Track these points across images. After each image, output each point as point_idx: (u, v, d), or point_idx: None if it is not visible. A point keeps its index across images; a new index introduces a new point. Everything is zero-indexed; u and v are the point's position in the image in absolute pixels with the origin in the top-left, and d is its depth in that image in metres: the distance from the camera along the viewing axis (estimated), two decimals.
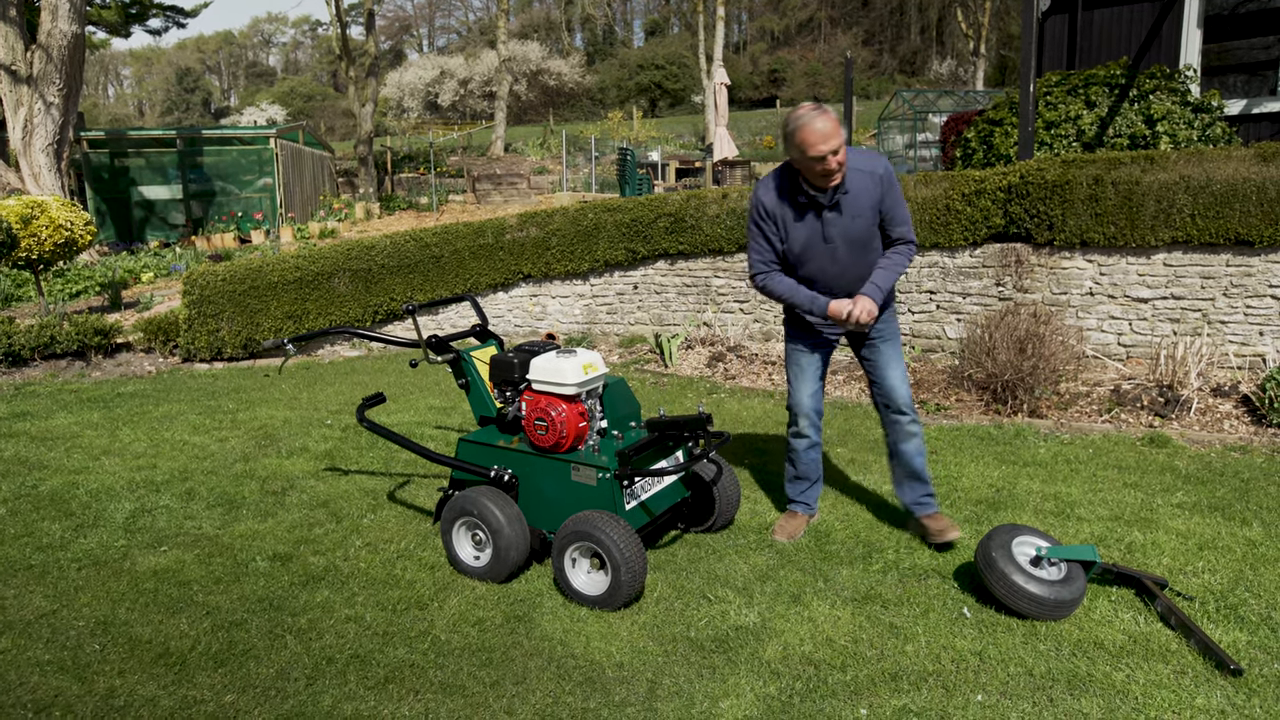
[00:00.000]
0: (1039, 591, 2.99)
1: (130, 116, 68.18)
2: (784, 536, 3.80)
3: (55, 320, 8.19)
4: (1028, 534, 3.21)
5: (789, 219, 3.49)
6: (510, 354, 3.65)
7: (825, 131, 3.22)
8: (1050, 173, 6.58)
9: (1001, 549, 3.10)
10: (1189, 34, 8.73)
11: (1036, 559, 3.13)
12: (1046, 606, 2.99)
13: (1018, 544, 3.16)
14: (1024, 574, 3.03)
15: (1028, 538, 3.19)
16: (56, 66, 13.28)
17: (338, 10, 22.83)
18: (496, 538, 3.36)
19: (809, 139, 3.23)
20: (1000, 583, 3.04)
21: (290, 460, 5.19)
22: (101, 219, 17.08)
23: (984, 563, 3.11)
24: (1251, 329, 6.13)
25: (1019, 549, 3.15)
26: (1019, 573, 3.03)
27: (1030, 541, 3.19)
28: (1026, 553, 3.16)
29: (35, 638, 3.12)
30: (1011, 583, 3.02)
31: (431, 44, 74.97)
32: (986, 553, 3.11)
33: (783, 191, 3.49)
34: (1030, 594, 3.00)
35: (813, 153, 3.24)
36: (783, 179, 3.49)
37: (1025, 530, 3.22)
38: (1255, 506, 4.02)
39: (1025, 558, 3.14)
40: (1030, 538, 3.19)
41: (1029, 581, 3.01)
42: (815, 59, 57.90)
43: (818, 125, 3.22)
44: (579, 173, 24.39)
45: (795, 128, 3.26)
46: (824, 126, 3.22)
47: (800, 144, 3.26)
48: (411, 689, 2.76)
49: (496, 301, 9.12)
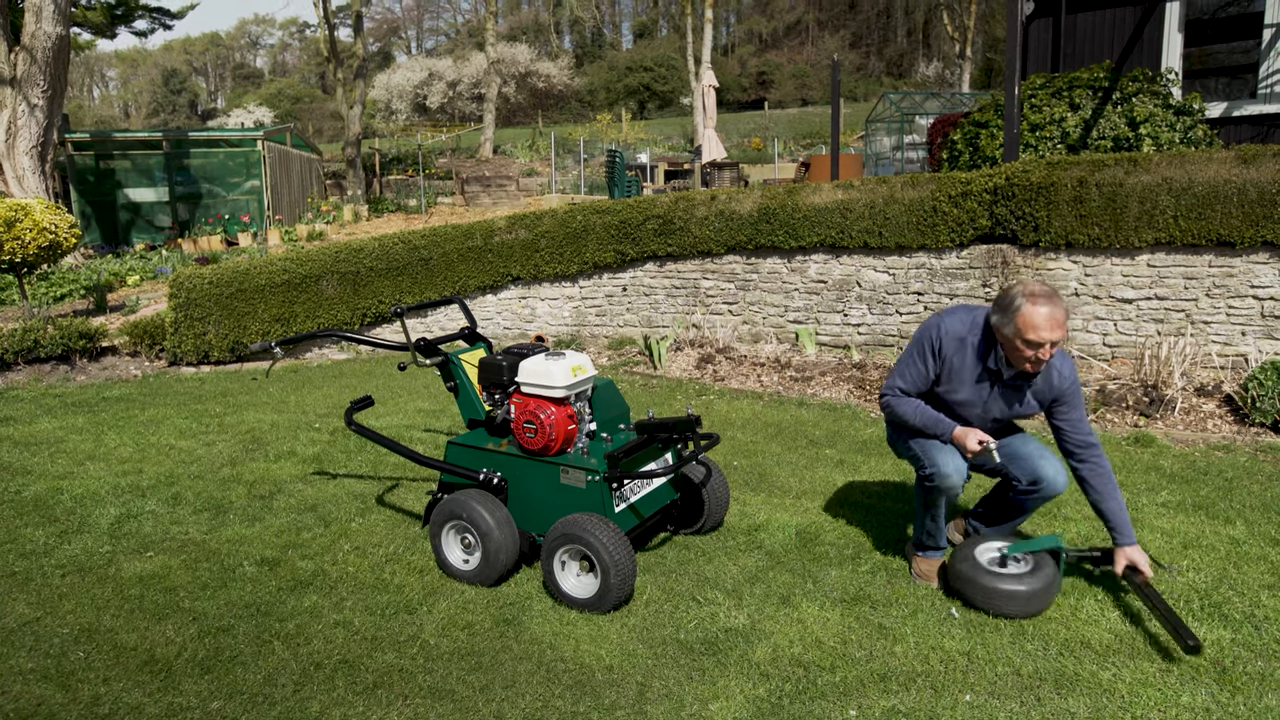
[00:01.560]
0: (1011, 587, 3.05)
1: (116, 118, 67.74)
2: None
3: (39, 324, 8.12)
4: (989, 539, 3.31)
5: (962, 370, 3.21)
6: (499, 356, 3.65)
7: (1058, 321, 2.92)
8: (1035, 175, 6.62)
9: (966, 561, 3.19)
10: (1170, 37, 8.81)
11: (1002, 559, 3.20)
12: (1021, 599, 3.04)
13: (981, 551, 3.24)
14: (992, 575, 3.11)
15: (989, 543, 3.28)
16: (41, 68, 13.18)
17: (325, 12, 22.76)
18: (486, 541, 3.36)
19: (1036, 320, 2.91)
20: (976, 591, 3.12)
21: (278, 464, 5.17)
22: (86, 222, 16.95)
23: (957, 580, 3.19)
24: (1234, 329, 6.18)
25: (983, 555, 3.22)
26: (987, 575, 3.11)
27: (993, 545, 3.27)
28: (992, 556, 3.24)
29: (18, 645, 3.09)
30: (984, 587, 3.09)
31: (420, 46, 74.82)
32: (956, 571, 3.20)
33: (969, 341, 3.18)
34: (1004, 592, 3.06)
35: (1031, 335, 2.93)
36: (974, 329, 3.19)
37: (985, 537, 3.33)
38: (1238, 505, 4.06)
39: (991, 561, 3.22)
40: (992, 541, 3.29)
41: (999, 580, 3.08)
42: (803, 61, 58.10)
43: (1051, 312, 2.91)
44: (568, 175, 24.39)
45: (1023, 305, 2.94)
46: (1059, 316, 2.92)
47: (1022, 324, 2.94)
48: (400, 694, 2.75)
49: (485, 304, 9.11)
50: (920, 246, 7.17)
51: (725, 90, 46.04)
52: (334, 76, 23.51)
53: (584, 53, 63.01)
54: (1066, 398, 3.16)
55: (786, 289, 7.89)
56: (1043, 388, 3.17)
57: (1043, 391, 3.18)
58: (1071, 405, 3.17)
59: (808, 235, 7.61)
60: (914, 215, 7.11)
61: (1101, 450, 3.16)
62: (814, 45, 60.55)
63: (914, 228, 7.13)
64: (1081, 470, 3.18)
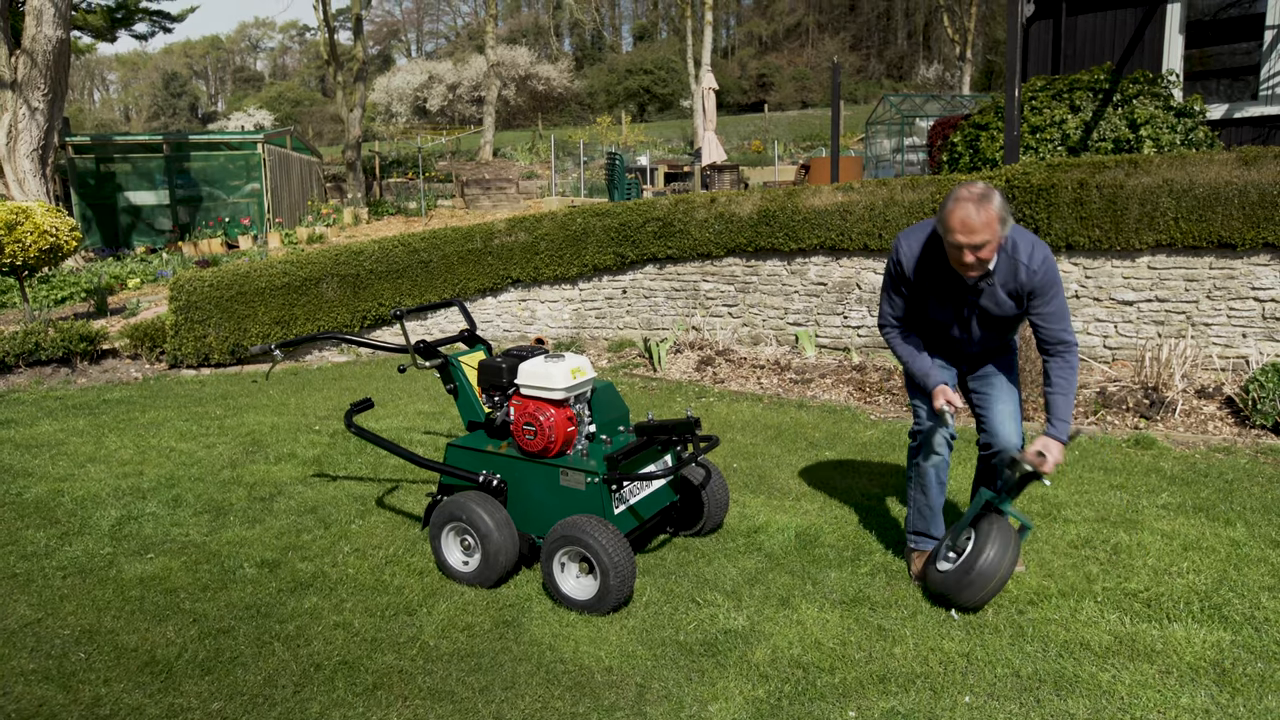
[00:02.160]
0: (962, 568, 3.07)
1: (116, 122, 67.79)
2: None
3: (40, 327, 8.13)
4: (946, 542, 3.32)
5: (929, 284, 3.20)
6: (499, 359, 3.65)
7: (970, 224, 2.87)
8: (1036, 176, 6.63)
9: (930, 565, 3.29)
10: (1171, 39, 8.82)
11: (947, 550, 3.24)
12: (982, 575, 3.04)
13: (939, 555, 3.29)
14: (942, 567, 3.20)
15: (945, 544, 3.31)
16: (41, 72, 13.20)
17: (325, 15, 22.79)
18: (485, 543, 3.36)
19: (951, 223, 2.90)
20: (947, 589, 3.14)
21: (278, 466, 5.17)
22: (87, 225, 16.97)
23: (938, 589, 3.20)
24: (1235, 331, 6.18)
25: (942, 560, 3.26)
26: (940, 573, 3.19)
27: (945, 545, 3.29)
28: (944, 554, 3.27)
29: (20, 646, 3.10)
30: (944, 581, 3.14)
31: (420, 49, 74.90)
32: (931, 582, 3.24)
33: (927, 253, 3.16)
34: (957, 578, 3.08)
35: (950, 239, 2.93)
36: (929, 240, 3.16)
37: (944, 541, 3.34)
38: (1239, 507, 4.06)
39: (943, 560, 3.25)
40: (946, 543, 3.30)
41: (949, 568, 3.16)
42: (803, 64, 58.14)
43: (964, 214, 2.87)
44: (568, 177, 24.41)
45: (947, 206, 2.93)
46: (971, 218, 2.86)
47: (943, 222, 2.95)
48: (400, 695, 2.75)
49: (485, 306, 9.11)
50: None
51: (725, 93, 46.08)
52: (334, 79, 23.54)
53: (584, 55, 63.07)
54: (1039, 291, 3.05)
55: (786, 291, 7.89)
56: (1012, 284, 3.08)
57: (1013, 288, 3.08)
58: (1045, 299, 3.05)
59: (808, 238, 7.61)
60: (914, 217, 7.11)
61: (1075, 351, 3.09)
62: (814, 48, 60.58)
63: None
64: (1049, 365, 3.11)
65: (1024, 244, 3.05)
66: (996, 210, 2.89)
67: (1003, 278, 3.08)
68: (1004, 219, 2.93)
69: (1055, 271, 3.07)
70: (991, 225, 2.88)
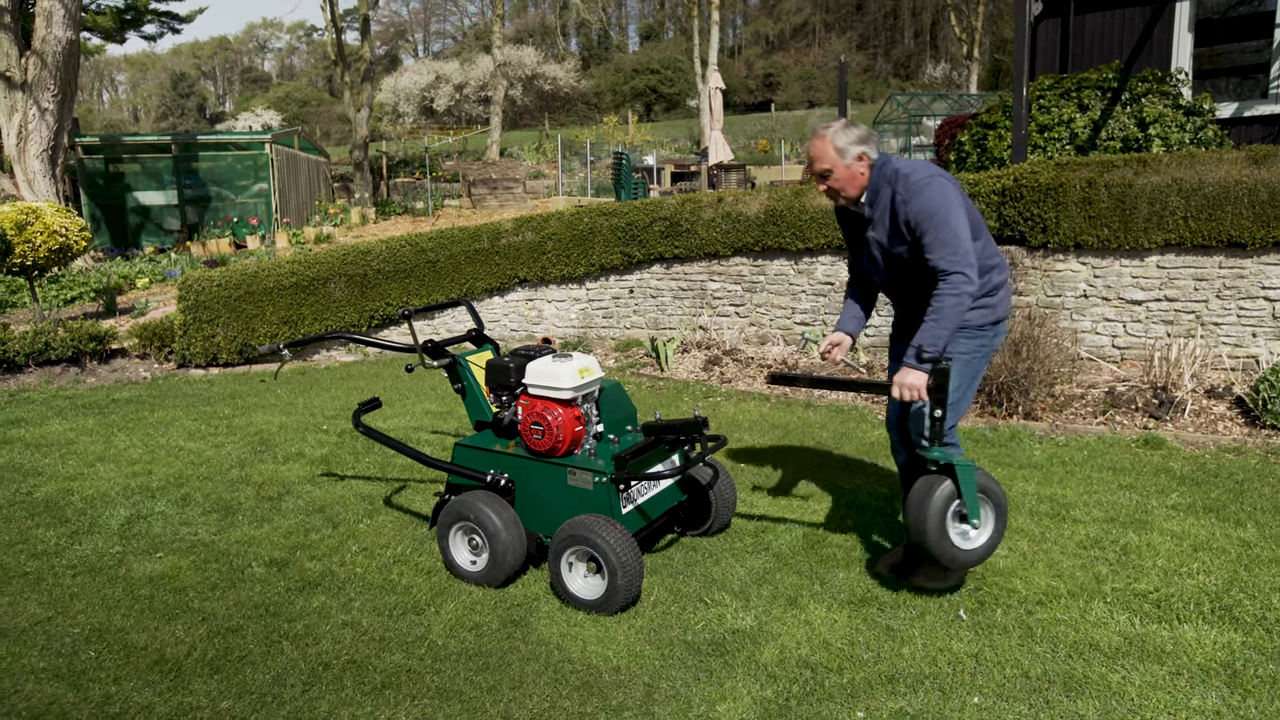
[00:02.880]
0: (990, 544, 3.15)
1: (125, 122, 68.06)
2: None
3: (50, 326, 8.17)
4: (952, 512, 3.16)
5: (847, 227, 3.42)
6: (506, 358, 3.65)
7: (810, 153, 3.21)
8: (1044, 176, 6.61)
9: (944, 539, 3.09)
10: (1180, 37, 8.78)
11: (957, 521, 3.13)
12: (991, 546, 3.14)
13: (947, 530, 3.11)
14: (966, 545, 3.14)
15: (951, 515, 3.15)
16: (51, 73, 13.27)
17: (333, 16, 22.85)
18: (493, 542, 3.36)
19: (807, 151, 3.19)
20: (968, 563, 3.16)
21: (286, 466, 5.18)
22: (96, 225, 17.04)
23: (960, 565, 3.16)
24: (1244, 330, 6.15)
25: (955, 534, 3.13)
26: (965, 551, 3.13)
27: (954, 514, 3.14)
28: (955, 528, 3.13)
29: (30, 645, 3.11)
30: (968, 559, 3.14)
31: (427, 49, 75.04)
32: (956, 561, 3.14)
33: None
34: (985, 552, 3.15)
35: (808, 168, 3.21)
36: None
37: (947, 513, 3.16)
38: (1249, 508, 4.04)
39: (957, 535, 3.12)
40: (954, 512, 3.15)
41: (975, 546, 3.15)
42: (810, 63, 58.06)
43: (808, 146, 3.22)
44: (574, 177, 24.42)
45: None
46: (812, 148, 3.20)
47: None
48: (408, 694, 2.75)
49: (492, 306, 9.12)
50: None
51: (732, 92, 46.04)
52: (341, 80, 23.60)
53: (590, 55, 63.08)
54: (914, 221, 3.07)
55: (793, 291, 7.88)
56: (894, 216, 3.13)
57: (899, 219, 3.12)
58: (924, 230, 3.05)
59: (815, 237, 7.60)
60: None
61: (954, 283, 2.99)
62: (821, 47, 60.49)
63: None
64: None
65: (905, 176, 3.11)
66: (833, 140, 3.11)
67: (880, 210, 3.18)
68: (843, 149, 3.12)
69: (936, 202, 3.03)
70: (827, 154, 3.12)
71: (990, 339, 3.30)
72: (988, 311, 3.25)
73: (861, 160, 3.16)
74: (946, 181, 3.11)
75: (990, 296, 3.26)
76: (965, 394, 3.30)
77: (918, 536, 3.05)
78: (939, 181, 3.09)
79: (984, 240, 3.26)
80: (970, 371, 3.28)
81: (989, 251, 3.27)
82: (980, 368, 3.33)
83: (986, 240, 3.28)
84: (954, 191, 3.10)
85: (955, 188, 3.13)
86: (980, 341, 3.27)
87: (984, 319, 3.25)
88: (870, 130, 3.26)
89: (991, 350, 3.34)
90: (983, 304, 3.24)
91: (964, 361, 3.24)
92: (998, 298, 3.28)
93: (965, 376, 3.26)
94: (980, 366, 3.32)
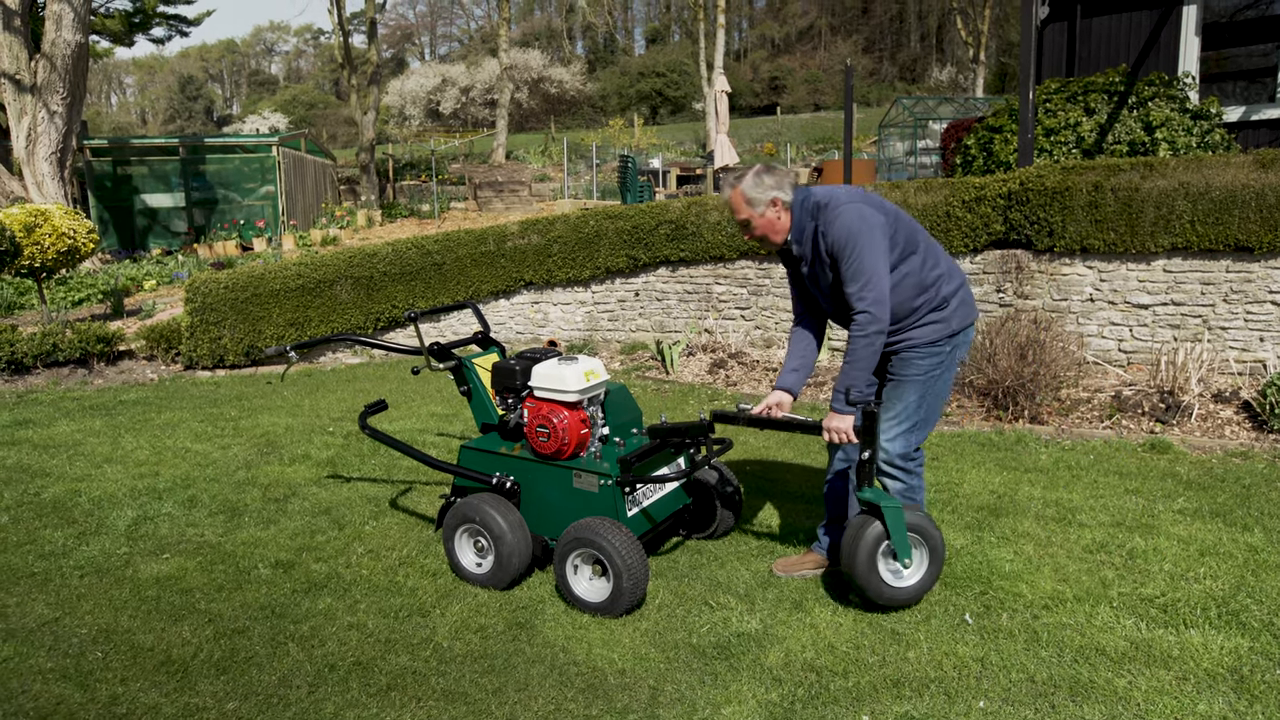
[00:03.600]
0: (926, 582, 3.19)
1: (133, 125, 68.34)
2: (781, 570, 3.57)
3: (58, 328, 8.21)
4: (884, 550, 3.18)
5: (786, 263, 3.43)
6: (512, 361, 3.66)
7: (726, 202, 3.27)
8: (1050, 179, 6.60)
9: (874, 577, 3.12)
10: (1187, 41, 8.76)
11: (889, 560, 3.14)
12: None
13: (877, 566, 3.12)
14: (898, 584, 3.16)
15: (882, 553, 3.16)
16: (60, 75, 13.34)
17: (340, 19, 22.93)
18: (499, 544, 3.37)
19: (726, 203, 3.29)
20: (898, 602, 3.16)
21: (292, 467, 5.20)
22: (104, 227, 17.12)
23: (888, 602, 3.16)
24: (1252, 335, 6.13)
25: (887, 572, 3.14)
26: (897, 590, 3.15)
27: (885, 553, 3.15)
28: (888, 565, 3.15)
29: (38, 645, 3.13)
30: (898, 597, 3.15)
31: (433, 52, 75.22)
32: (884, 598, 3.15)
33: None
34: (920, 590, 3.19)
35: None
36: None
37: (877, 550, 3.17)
38: (1256, 512, 4.03)
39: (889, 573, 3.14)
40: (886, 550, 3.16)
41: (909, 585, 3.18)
42: (816, 66, 58.03)
43: (722, 199, 3.33)
44: (580, 180, 24.45)
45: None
46: (723, 196, 3.29)
47: None
48: (414, 696, 2.76)
49: (498, 309, 9.14)
50: None
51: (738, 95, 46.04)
52: (348, 83, 23.67)
53: (596, 58, 63.15)
54: (832, 252, 3.11)
55: None
56: (817, 248, 3.17)
57: (820, 251, 3.16)
58: (840, 259, 3.07)
59: None
60: (927, 220, 7.09)
61: (860, 323, 3.01)
62: (827, 50, 60.45)
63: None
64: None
65: (824, 207, 3.13)
66: (744, 192, 3.16)
67: (807, 245, 3.20)
68: (754, 199, 3.16)
69: (848, 230, 3.04)
70: (741, 206, 3.18)
71: (949, 352, 3.23)
72: (941, 326, 3.19)
73: (775, 205, 3.17)
74: (864, 206, 3.08)
75: (940, 310, 3.19)
76: (931, 412, 3.26)
77: (847, 573, 3.09)
78: (853, 208, 3.06)
79: (923, 253, 3.19)
80: (933, 389, 3.23)
81: (931, 263, 3.19)
82: (943, 382, 3.26)
83: (928, 251, 3.21)
84: (872, 215, 3.07)
85: (874, 211, 3.09)
86: (938, 359, 3.21)
87: (938, 334, 3.19)
88: (784, 171, 3.28)
89: (956, 360, 3.28)
90: (932, 320, 3.19)
91: (923, 380, 3.21)
92: (950, 309, 3.20)
93: (928, 394, 3.22)
94: (943, 381, 3.26)
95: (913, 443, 3.25)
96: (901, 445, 3.24)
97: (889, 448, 3.25)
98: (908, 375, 3.22)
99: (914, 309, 3.17)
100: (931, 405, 3.25)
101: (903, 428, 3.24)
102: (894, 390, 3.25)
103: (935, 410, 3.28)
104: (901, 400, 3.23)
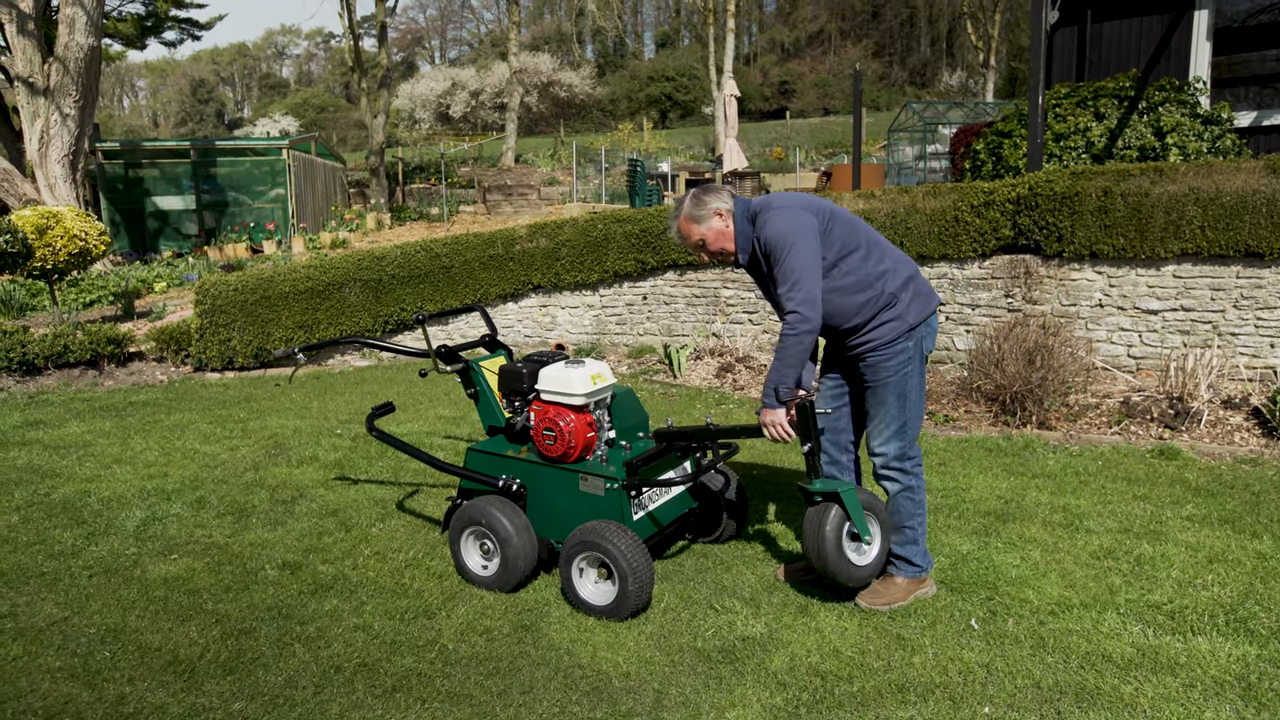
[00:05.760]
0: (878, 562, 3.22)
1: (145, 128, 68.78)
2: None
3: (69, 329, 8.27)
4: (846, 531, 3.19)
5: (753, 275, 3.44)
6: (519, 364, 3.67)
7: (676, 234, 3.34)
8: (1059, 184, 6.58)
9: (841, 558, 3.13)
10: (1199, 46, 8.72)
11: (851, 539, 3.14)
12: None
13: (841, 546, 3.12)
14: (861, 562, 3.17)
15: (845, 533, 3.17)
16: (73, 78, 13.44)
17: (350, 23, 23.04)
18: (504, 547, 3.38)
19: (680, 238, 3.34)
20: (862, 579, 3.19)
21: (300, 469, 5.22)
22: (116, 229, 17.22)
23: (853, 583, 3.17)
24: (1262, 341, 6.10)
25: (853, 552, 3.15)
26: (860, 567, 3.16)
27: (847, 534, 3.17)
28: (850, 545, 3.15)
29: (46, 644, 3.15)
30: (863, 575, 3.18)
31: (443, 56, 75.48)
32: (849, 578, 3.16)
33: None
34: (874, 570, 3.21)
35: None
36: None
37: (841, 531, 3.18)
38: (1265, 519, 4.00)
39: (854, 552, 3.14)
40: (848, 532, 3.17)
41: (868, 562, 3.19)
42: (825, 71, 58.02)
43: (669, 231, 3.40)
44: (589, 184, 24.48)
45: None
46: (676, 232, 3.33)
47: None
48: (419, 698, 2.77)
49: (506, 312, 9.16)
50: (942, 256, 7.13)
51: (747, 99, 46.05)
52: (358, 86, 23.78)
53: (606, 62, 63.26)
54: (765, 254, 3.19)
55: None
56: (757, 252, 3.24)
57: (759, 254, 3.24)
58: (772, 262, 3.15)
59: None
60: (936, 225, 7.08)
61: (790, 322, 3.04)
62: (836, 54, 60.43)
63: (936, 237, 7.10)
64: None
65: (757, 212, 3.22)
66: (687, 214, 3.26)
67: (752, 251, 3.26)
68: (698, 216, 3.24)
69: (778, 232, 3.10)
70: (689, 229, 3.27)
71: (913, 346, 3.21)
72: (898, 324, 3.18)
73: (720, 216, 3.23)
74: (796, 209, 3.11)
75: (891, 309, 3.17)
76: (914, 407, 3.26)
77: (818, 564, 3.07)
78: (784, 212, 3.11)
79: (865, 250, 3.18)
80: (908, 385, 3.22)
81: (875, 259, 3.18)
82: (917, 376, 3.25)
83: (871, 248, 3.20)
84: (803, 217, 3.09)
85: (806, 213, 3.11)
86: (903, 357, 3.19)
87: (897, 331, 3.18)
88: (719, 186, 3.34)
89: (924, 351, 3.27)
90: (886, 319, 3.17)
91: (896, 381, 3.21)
92: (902, 305, 3.18)
93: (906, 391, 3.22)
94: (916, 375, 3.25)
95: (907, 441, 3.26)
96: (896, 447, 3.25)
97: (885, 451, 3.27)
98: (880, 379, 3.23)
99: (861, 307, 3.17)
100: (913, 401, 3.26)
101: (891, 429, 3.26)
102: (872, 396, 3.29)
103: (918, 405, 3.29)
104: (883, 405, 3.26)
